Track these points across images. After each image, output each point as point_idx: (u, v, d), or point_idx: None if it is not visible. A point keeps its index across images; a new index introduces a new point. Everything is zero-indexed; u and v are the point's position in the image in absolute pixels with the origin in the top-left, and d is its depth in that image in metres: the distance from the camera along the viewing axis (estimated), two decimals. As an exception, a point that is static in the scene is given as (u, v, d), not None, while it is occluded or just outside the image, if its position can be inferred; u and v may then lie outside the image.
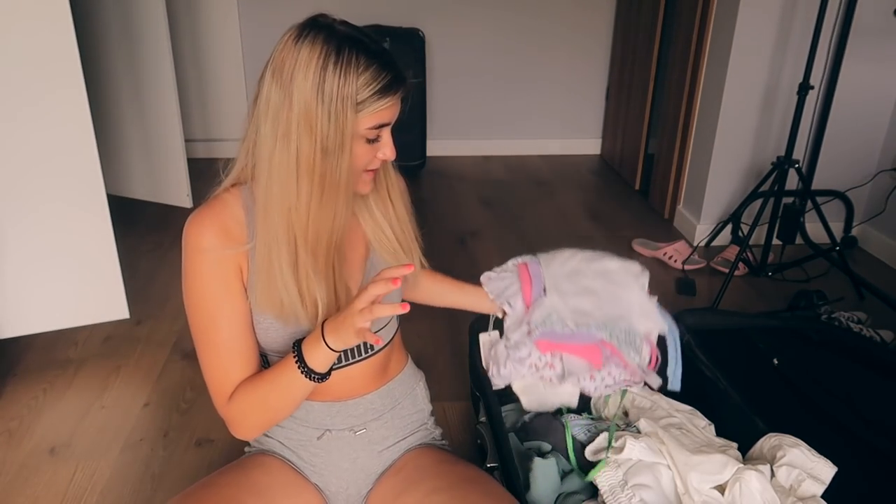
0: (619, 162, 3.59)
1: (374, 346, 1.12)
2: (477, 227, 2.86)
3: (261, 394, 1.00)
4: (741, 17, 2.41)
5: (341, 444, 1.14)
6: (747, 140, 2.62)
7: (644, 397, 1.43)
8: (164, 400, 1.74)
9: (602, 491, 1.17)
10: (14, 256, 1.88)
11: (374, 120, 0.91)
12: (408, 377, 1.23)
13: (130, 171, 2.93)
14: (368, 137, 0.93)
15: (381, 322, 1.12)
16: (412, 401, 1.22)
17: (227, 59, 3.44)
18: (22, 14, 1.69)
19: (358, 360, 1.12)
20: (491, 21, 3.54)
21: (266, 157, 0.92)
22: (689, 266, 2.51)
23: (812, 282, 2.40)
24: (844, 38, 2.28)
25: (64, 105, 1.80)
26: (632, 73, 3.36)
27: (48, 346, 1.95)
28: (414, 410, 1.22)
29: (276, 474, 1.12)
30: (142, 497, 1.44)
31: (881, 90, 2.58)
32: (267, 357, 1.09)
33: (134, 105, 2.79)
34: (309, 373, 0.95)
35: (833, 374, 1.69)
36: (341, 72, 0.86)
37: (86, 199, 1.91)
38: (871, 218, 2.70)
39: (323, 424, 1.14)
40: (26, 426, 1.64)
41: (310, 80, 0.86)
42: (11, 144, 1.78)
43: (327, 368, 0.97)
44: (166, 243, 2.60)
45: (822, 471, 1.21)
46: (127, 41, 2.68)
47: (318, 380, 0.96)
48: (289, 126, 0.89)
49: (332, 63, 0.86)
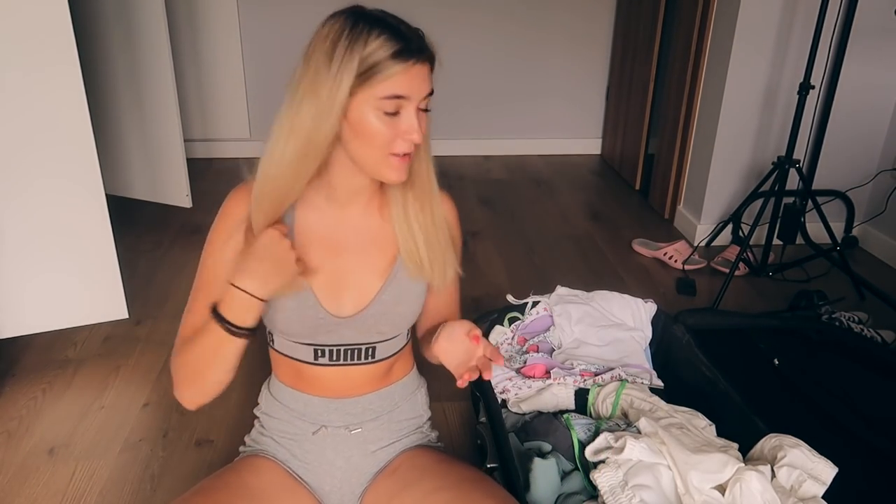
0: (619, 162, 3.59)
1: (374, 354, 1.12)
2: (477, 227, 2.86)
3: (191, 352, 1.00)
4: (742, 17, 2.41)
5: (336, 441, 1.14)
6: (748, 140, 2.62)
7: (643, 399, 1.42)
8: (163, 400, 1.74)
9: (602, 491, 1.17)
10: (13, 256, 1.87)
11: (387, 88, 0.90)
12: (410, 382, 1.22)
13: (130, 170, 2.93)
14: (385, 110, 0.91)
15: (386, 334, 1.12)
16: (411, 405, 1.22)
17: (227, 59, 3.44)
18: (21, 14, 1.69)
19: (359, 363, 1.12)
20: (491, 21, 3.54)
21: (276, 121, 0.96)
22: (690, 266, 2.51)
23: (812, 282, 2.40)
24: (845, 38, 2.27)
25: (63, 105, 1.80)
26: (632, 74, 3.36)
27: (47, 347, 1.95)
28: (412, 415, 1.21)
29: (269, 476, 1.12)
30: (141, 497, 1.43)
31: (882, 90, 2.58)
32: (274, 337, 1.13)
33: (133, 105, 2.79)
34: (229, 328, 0.93)
35: (833, 375, 1.69)
36: (352, 38, 0.90)
37: (85, 199, 1.91)
38: (871, 218, 2.70)
39: (319, 420, 1.14)
40: (25, 426, 1.63)
41: (324, 48, 0.90)
42: (11, 144, 1.78)
43: (250, 320, 0.94)
44: (165, 243, 2.60)
45: (822, 471, 1.21)
46: (126, 41, 2.68)
47: (244, 335, 0.94)
48: (299, 90, 0.92)
49: (346, 32, 0.90)
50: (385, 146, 0.94)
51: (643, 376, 1.56)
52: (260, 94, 3.50)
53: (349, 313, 1.07)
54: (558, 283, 1.85)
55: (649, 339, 1.73)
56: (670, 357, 1.69)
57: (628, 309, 1.77)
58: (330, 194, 1.04)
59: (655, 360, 1.70)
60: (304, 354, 1.11)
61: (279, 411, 1.16)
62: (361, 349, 1.12)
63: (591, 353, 1.65)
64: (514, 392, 1.53)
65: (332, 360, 1.11)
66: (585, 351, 1.66)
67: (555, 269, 2.52)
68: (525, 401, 1.51)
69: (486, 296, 2.23)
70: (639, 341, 1.70)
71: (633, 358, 1.65)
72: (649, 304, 1.78)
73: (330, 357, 1.11)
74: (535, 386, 1.52)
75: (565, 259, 2.61)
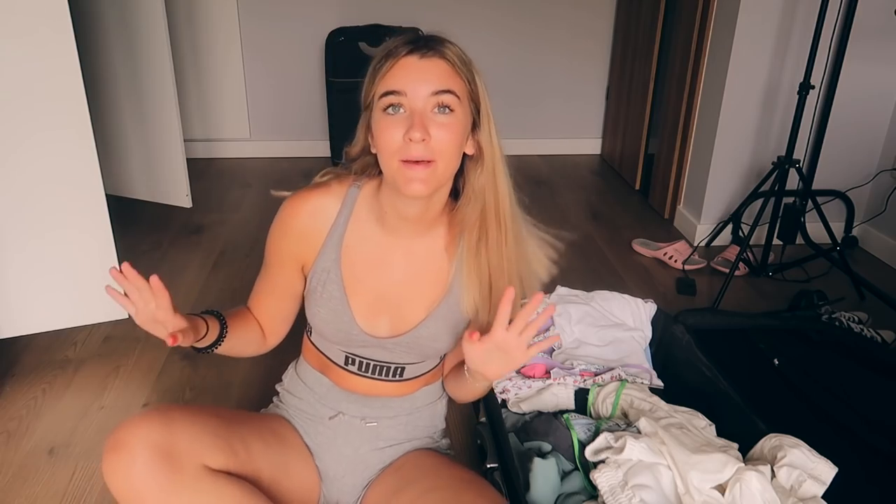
0: (619, 162, 3.59)
1: (403, 374, 1.15)
2: (477, 227, 2.85)
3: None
4: (741, 17, 2.41)
5: (349, 430, 1.16)
6: (748, 140, 2.62)
7: (643, 399, 1.42)
8: (163, 400, 1.73)
9: (602, 491, 1.17)
10: (13, 256, 1.87)
11: (383, 86, 0.91)
12: (434, 390, 1.24)
13: (130, 171, 2.93)
14: (383, 107, 0.91)
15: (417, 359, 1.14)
16: (430, 412, 1.23)
17: (227, 59, 3.44)
18: (21, 14, 1.69)
19: (386, 379, 1.15)
20: (491, 21, 3.54)
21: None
22: (690, 266, 2.51)
23: (812, 282, 2.40)
24: (845, 37, 2.27)
25: (63, 105, 1.80)
26: (632, 73, 3.36)
27: (47, 346, 1.94)
28: (429, 423, 1.23)
29: (290, 435, 1.16)
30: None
31: (882, 90, 2.58)
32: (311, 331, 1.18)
33: (133, 105, 2.79)
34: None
35: (833, 375, 1.69)
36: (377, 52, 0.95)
37: (85, 199, 1.91)
38: (871, 218, 2.70)
39: (338, 407, 1.16)
40: (25, 426, 1.63)
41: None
42: (10, 144, 1.78)
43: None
44: (165, 243, 2.59)
45: (822, 471, 1.21)
46: (126, 41, 2.68)
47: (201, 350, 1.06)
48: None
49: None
50: (396, 153, 0.90)
51: (643, 376, 1.56)
52: (260, 95, 3.49)
53: (383, 335, 1.08)
54: (558, 284, 1.85)
55: (649, 339, 1.73)
56: (670, 357, 1.69)
57: (628, 309, 1.77)
58: (380, 217, 1.04)
59: (655, 360, 1.70)
60: (336, 356, 1.14)
61: (302, 391, 1.19)
62: (391, 367, 1.14)
63: (591, 353, 1.65)
64: (514, 392, 1.53)
65: (361, 371, 1.14)
66: (585, 351, 1.66)
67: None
68: (525, 401, 1.51)
69: (486, 296, 2.23)
70: (639, 341, 1.70)
71: (633, 358, 1.65)
72: (649, 304, 1.78)
73: (359, 367, 1.13)
74: (535, 386, 1.52)
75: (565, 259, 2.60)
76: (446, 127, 0.91)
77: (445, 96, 0.91)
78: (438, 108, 0.91)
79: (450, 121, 0.91)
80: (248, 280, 1.18)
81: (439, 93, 0.90)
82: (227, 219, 2.84)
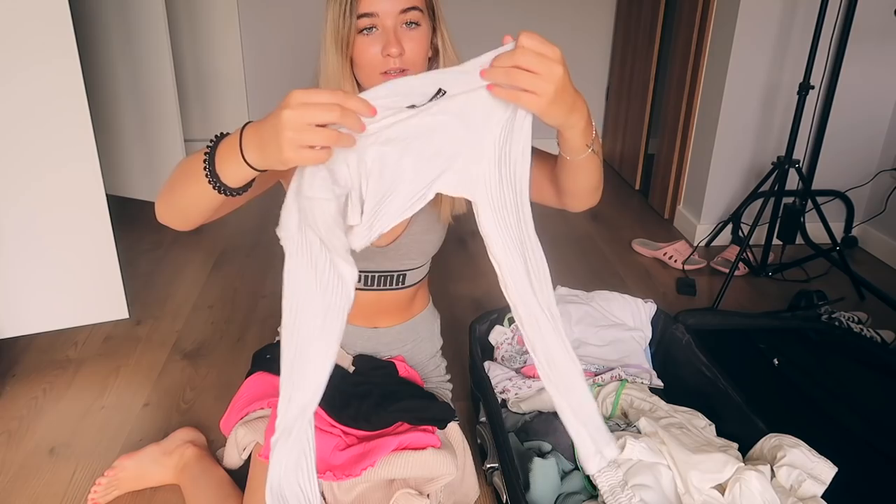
0: (619, 162, 3.59)
1: (405, 280, 1.31)
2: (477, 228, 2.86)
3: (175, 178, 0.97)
4: (741, 17, 2.41)
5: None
6: (747, 140, 2.62)
7: (643, 399, 1.43)
8: (164, 400, 1.74)
9: (602, 491, 1.17)
10: (13, 256, 1.87)
11: (358, 10, 1.01)
12: (430, 314, 1.48)
13: (130, 170, 2.93)
14: (360, 28, 1.02)
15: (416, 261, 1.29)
16: (429, 337, 1.48)
17: (227, 59, 3.44)
18: (21, 14, 1.69)
19: (390, 288, 1.31)
20: (490, 20, 3.54)
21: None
22: (690, 266, 2.51)
23: (812, 282, 2.40)
24: (845, 38, 2.27)
25: (63, 105, 1.80)
26: (632, 73, 3.36)
27: (48, 346, 1.95)
28: (431, 348, 1.48)
29: None
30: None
31: (881, 90, 2.58)
32: None
33: (133, 105, 2.79)
34: (217, 184, 0.86)
35: (833, 375, 1.69)
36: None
37: (85, 199, 1.91)
38: (871, 218, 2.70)
39: (354, 348, 1.35)
40: (26, 426, 1.64)
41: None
42: (11, 144, 1.78)
43: (241, 184, 0.86)
44: (166, 243, 2.60)
45: (822, 471, 1.21)
46: (126, 41, 2.68)
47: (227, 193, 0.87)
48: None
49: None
50: (376, 67, 1.02)
51: (643, 376, 1.56)
52: (260, 94, 3.49)
53: (384, 243, 1.23)
54: (558, 284, 1.85)
55: (649, 339, 1.73)
56: (670, 357, 1.69)
57: (628, 309, 1.77)
58: None
59: (655, 360, 1.70)
60: None
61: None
62: (394, 276, 1.30)
63: (591, 353, 1.65)
64: (514, 392, 1.53)
65: (368, 286, 1.29)
66: (585, 351, 1.66)
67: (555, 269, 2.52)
68: (525, 401, 1.51)
69: (486, 296, 2.23)
70: (639, 341, 1.70)
71: (633, 358, 1.65)
72: (649, 304, 1.78)
73: (366, 282, 1.29)
74: (535, 386, 1.52)
75: (565, 259, 2.61)
76: (416, 40, 1.04)
77: (412, 13, 1.03)
78: (407, 24, 1.03)
79: (418, 34, 1.05)
80: (249, 280, 1.18)
81: (407, 10, 1.02)
82: (227, 219, 2.81)
